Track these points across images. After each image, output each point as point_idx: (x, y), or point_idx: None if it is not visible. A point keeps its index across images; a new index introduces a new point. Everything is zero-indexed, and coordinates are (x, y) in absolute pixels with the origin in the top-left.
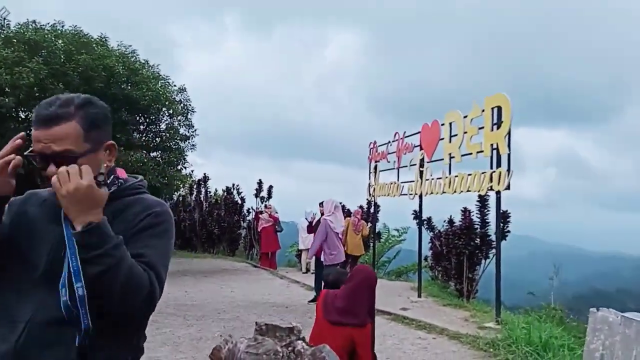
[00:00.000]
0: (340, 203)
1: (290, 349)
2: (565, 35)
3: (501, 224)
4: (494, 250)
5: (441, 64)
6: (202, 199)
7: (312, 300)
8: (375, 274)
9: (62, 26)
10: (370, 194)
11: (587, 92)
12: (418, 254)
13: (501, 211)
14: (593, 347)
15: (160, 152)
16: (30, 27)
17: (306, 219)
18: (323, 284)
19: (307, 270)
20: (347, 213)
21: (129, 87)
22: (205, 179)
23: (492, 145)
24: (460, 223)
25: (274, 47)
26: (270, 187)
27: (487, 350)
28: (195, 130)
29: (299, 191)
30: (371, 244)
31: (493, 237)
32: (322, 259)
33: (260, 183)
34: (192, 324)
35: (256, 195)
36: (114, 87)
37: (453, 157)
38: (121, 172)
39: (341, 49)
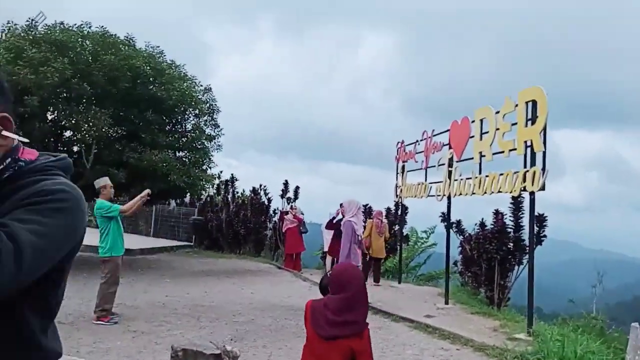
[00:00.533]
0: (366, 205)
1: None
2: (604, 35)
3: (536, 228)
4: (527, 256)
5: (475, 65)
6: (229, 199)
7: None
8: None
9: (90, 27)
10: (397, 195)
11: (628, 92)
12: (446, 258)
13: (536, 214)
14: None
15: (186, 151)
16: (58, 28)
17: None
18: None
19: (327, 273)
20: (366, 214)
21: (155, 88)
22: (233, 179)
23: (525, 142)
24: (492, 226)
25: (307, 50)
26: (297, 188)
27: None
28: (221, 130)
29: (328, 193)
30: (398, 247)
31: (527, 242)
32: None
33: (286, 184)
34: (205, 326)
35: (282, 196)
36: (140, 87)
37: (484, 155)
38: (30, 153)
39: (374, 50)
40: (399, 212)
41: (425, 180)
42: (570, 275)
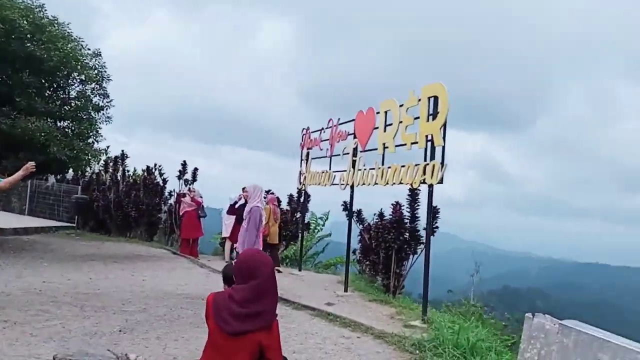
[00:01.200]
0: (269, 191)
1: None
2: (486, 44)
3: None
4: (421, 246)
5: (370, 61)
6: (118, 178)
7: None
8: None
9: None
10: (300, 182)
11: (504, 100)
12: (347, 247)
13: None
14: (528, 356)
15: (69, 121)
16: None
17: (230, 205)
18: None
19: (231, 259)
20: None
21: (33, 45)
22: (124, 156)
23: (427, 136)
24: (391, 217)
25: (204, 27)
26: (195, 169)
27: (413, 352)
28: (110, 101)
29: (226, 177)
30: (299, 234)
31: (422, 232)
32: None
33: (184, 165)
34: (89, 316)
35: (179, 178)
36: (15, 43)
37: (387, 147)
38: None
39: (273, 36)
40: (301, 200)
41: (330, 168)
42: (450, 265)
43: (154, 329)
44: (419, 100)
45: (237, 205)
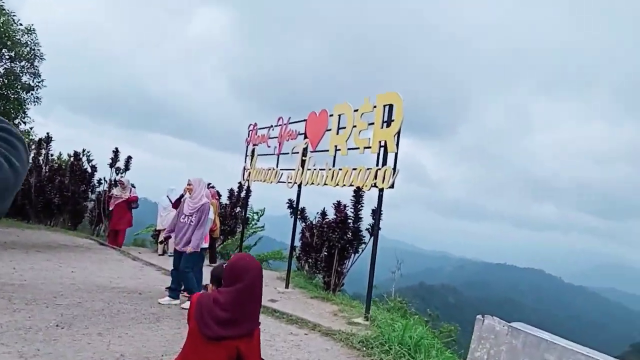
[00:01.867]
0: (209, 184)
1: None
2: (412, 52)
3: (373, 220)
4: (363, 245)
5: (301, 58)
6: (41, 162)
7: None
8: (260, 264)
9: None
10: (244, 178)
11: (428, 108)
12: (291, 244)
13: (372, 208)
14: (478, 355)
15: None
16: None
17: (167, 197)
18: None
19: (164, 252)
20: None
21: None
22: (49, 139)
23: (380, 142)
24: (336, 216)
25: (132, 7)
26: (129, 158)
27: (361, 349)
28: (42, 81)
29: (154, 166)
30: (240, 229)
31: (364, 233)
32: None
33: (116, 152)
34: (19, 309)
35: (111, 166)
36: None
37: (339, 149)
38: None
39: (206, 24)
40: (242, 195)
41: (277, 166)
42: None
43: (94, 324)
44: (374, 107)
45: (183, 199)
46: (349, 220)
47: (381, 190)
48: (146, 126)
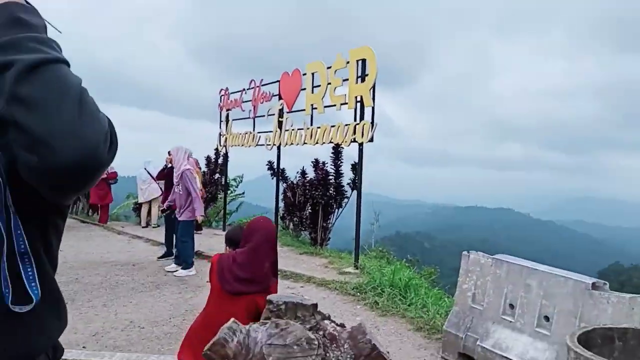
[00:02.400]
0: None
1: (320, 333)
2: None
3: (353, 175)
4: (346, 200)
5: (260, 18)
6: None
7: (162, 257)
8: (273, 225)
9: None
10: (221, 144)
11: (390, 56)
12: (275, 205)
13: (352, 163)
14: (465, 287)
15: None
16: None
17: (145, 170)
18: (174, 242)
19: (147, 224)
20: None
21: None
22: None
23: (356, 97)
24: (317, 174)
25: None
26: None
27: (355, 294)
28: None
29: (122, 139)
30: (220, 197)
31: (346, 187)
32: (176, 214)
33: None
34: None
35: None
36: None
37: (315, 108)
38: None
39: None
40: (219, 161)
41: (254, 129)
42: (350, 215)
43: (96, 297)
44: (348, 62)
45: (166, 170)
46: (330, 177)
47: (361, 144)
48: (103, 98)
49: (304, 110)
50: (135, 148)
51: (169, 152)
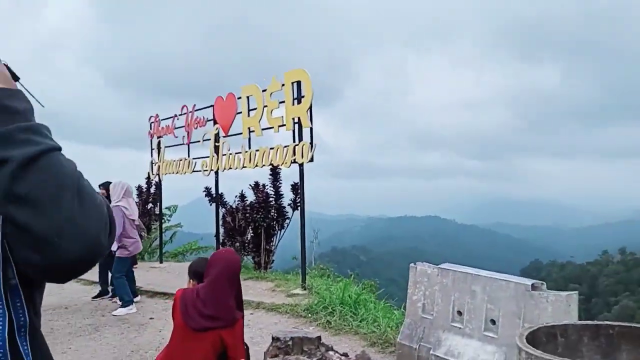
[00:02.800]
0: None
1: None
2: (287, 26)
3: (293, 195)
4: (288, 221)
5: (179, 37)
6: None
7: (97, 296)
8: (236, 256)
9: None
10: (154, 172)
11: (314, 77)
12: (216, 231)
13: (298, 184)
14: (415, 299)
15: None
16: None
17: None
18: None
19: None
20: None
21: None
22: None
23: (293, 119)
24: (257, 197)
25: None
26: None
27: (307, 316)
28: None
29: None
30: (154, 228)
31: (287, 209)
32: (113, 250)
33: None
34: None
35: None
36: None
37: (253, 131)
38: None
39: (59, 14)
40: (152, 190)
41: (189, 156)
42: (290, 235)
43: None
44: (283, 85)
45: None
46: (271, 199)
47: (301, 165)
48: None
49: (241, 134)
50: None
51: (99, 186)
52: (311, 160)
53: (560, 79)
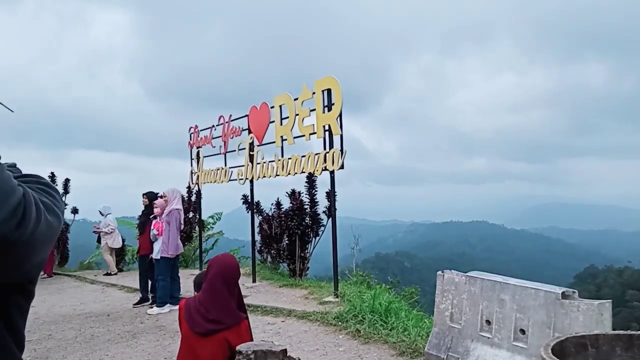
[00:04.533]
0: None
1: None
2: (324, 28)
3: (328, 202)
4: (322, 228)
5: (215, 53)
6: None
7: (138, 303)
8: (233, 259)
9: None
10: (193, 182)
11: (352, 81)
12: (252, 239)
13: (327, 190)
14: (443, 307)
15: None
16: None
17: (100, 212)
18: (152, 285)
19: (112, 272)
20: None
21: None
22: None
23: (324, 126)
24: (292, 204)
25: (24, 21)
26: (67, 180)
27: (337, 324)
28: None
29: (88, 184)
30: (195, 236)
31: (322, 216)
32: (154, 256)
33: (52, 176)
34: None
35: None
36: None
37: (285, 139)
38: None
39: (106, 29)
40: (193, 199)
41: (225, 165)
42: (328, 241)
43: (71, 353)
44: (313, 93)
45: (142, 215)
46: (306, 206)
47: (332, 172)
48: (65, 144)
49: (274, 142)
50: (102, 191)
51: (143, 195)
52: (342, 167)
53: (607, 77)
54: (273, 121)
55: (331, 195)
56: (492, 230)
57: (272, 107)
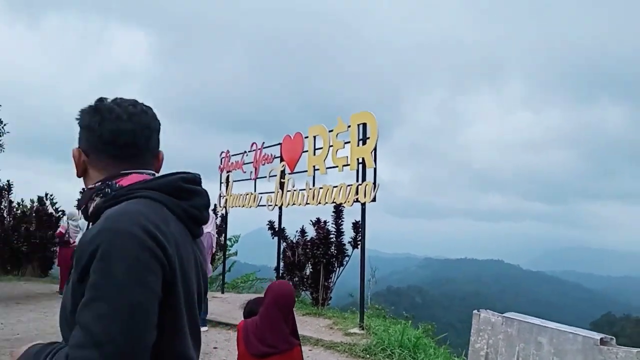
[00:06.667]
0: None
1: None
2: (337, 59)
3: (354, 233)
4: (347, 258)
5: (231, 74)
6: (3, 210)
7: None
8: (289, 288)
9: None
10: (222, 205)
11: (361, 110)
12: (277, 265)
13: (360, 222)
14: (478, 347)
15: None
16: None
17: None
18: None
19: None
20: None
21: None
22: (9, 186)
23: (358, 159)
24: (318, 233)
25: (46, 38)
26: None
27: (365, 356)
28: (4, 125)
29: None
30: (218, 258)
31: (347, 246)
32: None
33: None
34: None
35: (79, 208)
36: None
37: (317, 169)
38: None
39: (127, 48)
40: (220, 222)
41: (255, 190)
42: (347, 272)
43: None
44: (349, 126)
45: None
46: (331, 236)
47: (364, 204)
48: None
49: (305, 171)
50: None
51: None
52: (374, 200)
53: (624, 121)
54: (306, 151)
55: (361, 227)
56: (508, 270)
57: (306, 137)
